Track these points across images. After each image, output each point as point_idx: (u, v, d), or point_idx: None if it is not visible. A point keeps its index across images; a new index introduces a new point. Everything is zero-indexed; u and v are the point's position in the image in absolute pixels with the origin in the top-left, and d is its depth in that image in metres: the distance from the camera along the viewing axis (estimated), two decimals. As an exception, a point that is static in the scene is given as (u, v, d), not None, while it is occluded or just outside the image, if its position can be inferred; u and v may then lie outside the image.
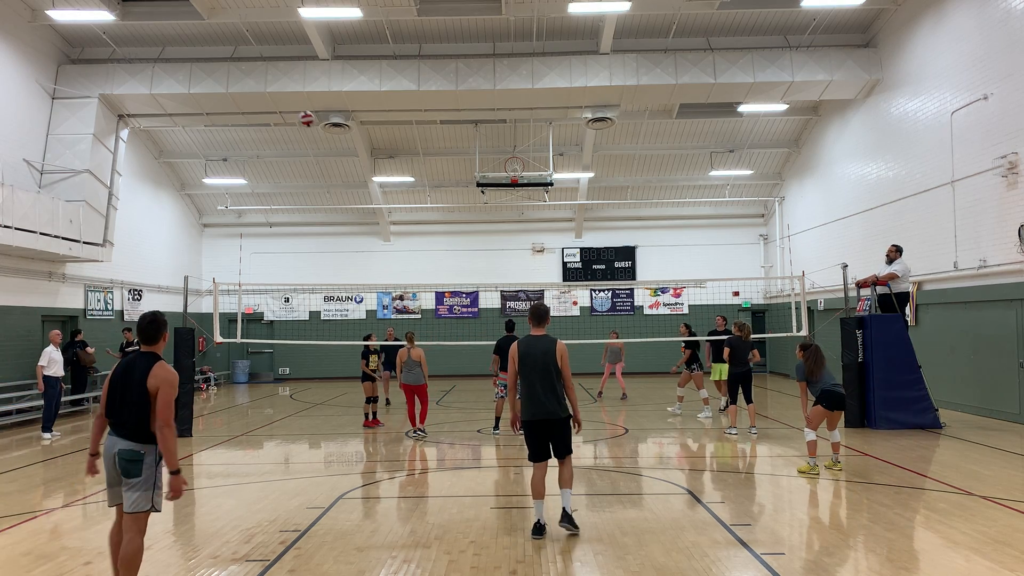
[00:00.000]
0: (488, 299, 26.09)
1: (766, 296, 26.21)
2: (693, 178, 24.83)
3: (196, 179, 24.48)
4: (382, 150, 23.57)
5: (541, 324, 7.06)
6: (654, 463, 10.49)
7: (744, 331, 12.62)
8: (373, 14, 15.91)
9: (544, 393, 6.77)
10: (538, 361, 6.81)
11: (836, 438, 9.77)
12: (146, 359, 5.06)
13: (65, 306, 18.35)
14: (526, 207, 25.39)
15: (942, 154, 15.13)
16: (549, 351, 6.84)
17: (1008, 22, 13.19)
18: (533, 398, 6.81)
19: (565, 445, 6.88)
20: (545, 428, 6.83)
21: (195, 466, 10.73)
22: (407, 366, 12.78)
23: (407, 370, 12.77)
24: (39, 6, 16.07)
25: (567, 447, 6.90)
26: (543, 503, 6.80)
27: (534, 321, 7.07)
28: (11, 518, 7.70)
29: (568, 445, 6.92)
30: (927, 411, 12.78)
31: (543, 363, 6.81)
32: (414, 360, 12.75)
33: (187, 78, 17.65)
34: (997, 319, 13.53)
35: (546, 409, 6.77)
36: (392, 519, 7.52)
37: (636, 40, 18.28)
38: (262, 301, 26.31)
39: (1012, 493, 8.10)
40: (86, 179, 17.28)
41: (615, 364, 18.39)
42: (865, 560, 6.09)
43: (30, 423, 15.14)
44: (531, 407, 6.83)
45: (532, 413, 6.82)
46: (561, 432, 6.85)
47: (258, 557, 6.29)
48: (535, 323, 7.06)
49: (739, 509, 7.71)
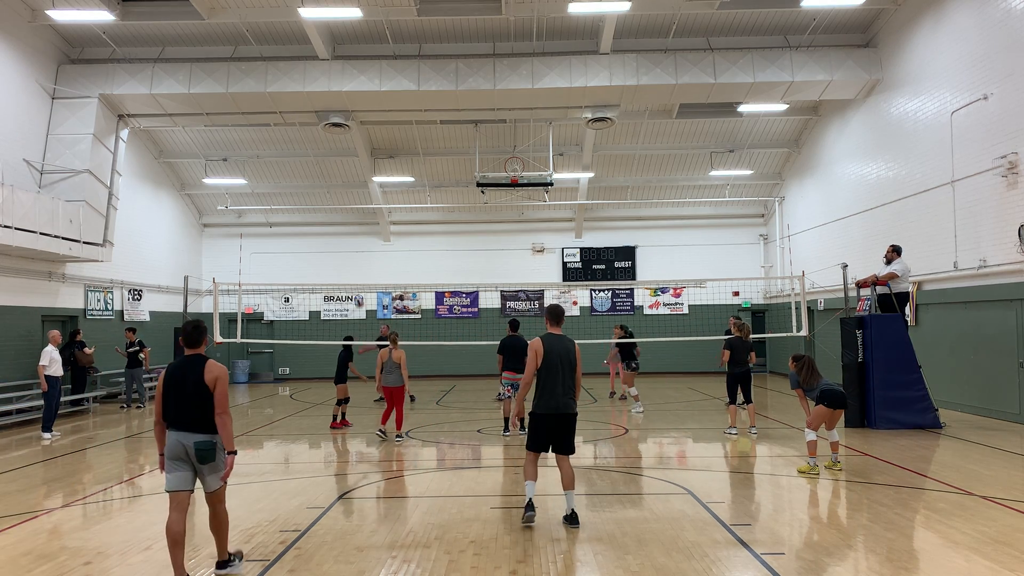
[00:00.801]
0: (488, 299, 26.09)
1: (766, 296, 26.21)
2: (693, 178, 24.83)
3: (196, 179, 24.48)
4: (382, 150, 23.57)
5: (559, 323, 7.40)
6: (654, 463, 10.49)
7: (744, 331, 12.62)
8: (373, 14, 15.91)
9: (563, 389, 7.09)
10: (561, 359, 7.11)
11: (835, 438, 9.80)
12: (196, 361, 5.74)
13: (65, 306, 18.35)
14: (526, 207, 25.39)
15: (942, 154, 15.13)
16: (570, 350, 7.19)
17: (1008, 22, 13.19)
18: (552, 393, 7.09)
19: (570, 442, 7.18)
20: (556, 422, 7.09)
21: (195, 466, 10.72)
22: (387, 367, 12.56)
23: (386, 371, 12.54)
24: (39, 6, 16.07)
25: (571, 445, 7.20)
26: (535, 484, 7.21)
27: (552, 320, 7.41)
28: (11, 518, 7.71)
29: (572, 443, 7.22)
30: (927, 411, 12.78)
31: (566, 361, 7.13)
32: (394, 362, 12.52)
33: (187, 78, 17.65)
34: (997, 319, 13.53)
35: (562, 404, 7.08)
36: (392, 519, 7.52)
37: (636, 40, 18.28)
38: (262, 301, 26.31)
39: (1012, 493, 8.10)
40: (86, 179, 17.28)
41: (619, 363, 18.10)
42: (865, 560, 6.09)
43: (30, 423, 15.13)
44: (549, 401, 7.10)
45: (549, 407, 7.09)
46: (570, 428, 7.15)
47: (258, 557, 6.29)
48: (553, 322, 7.40)
49: (739, 509, 7.71)
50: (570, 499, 7.11)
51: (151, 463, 10.91)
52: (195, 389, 5.61)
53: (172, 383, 5.67)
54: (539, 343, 7.16)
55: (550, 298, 26.18)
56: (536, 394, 7.21)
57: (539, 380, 7.16)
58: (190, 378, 5.63)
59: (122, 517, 7.85)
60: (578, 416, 7.31)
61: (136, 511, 8.16)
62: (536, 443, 7.20)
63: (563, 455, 7.16)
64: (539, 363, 7.10)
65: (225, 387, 5.71)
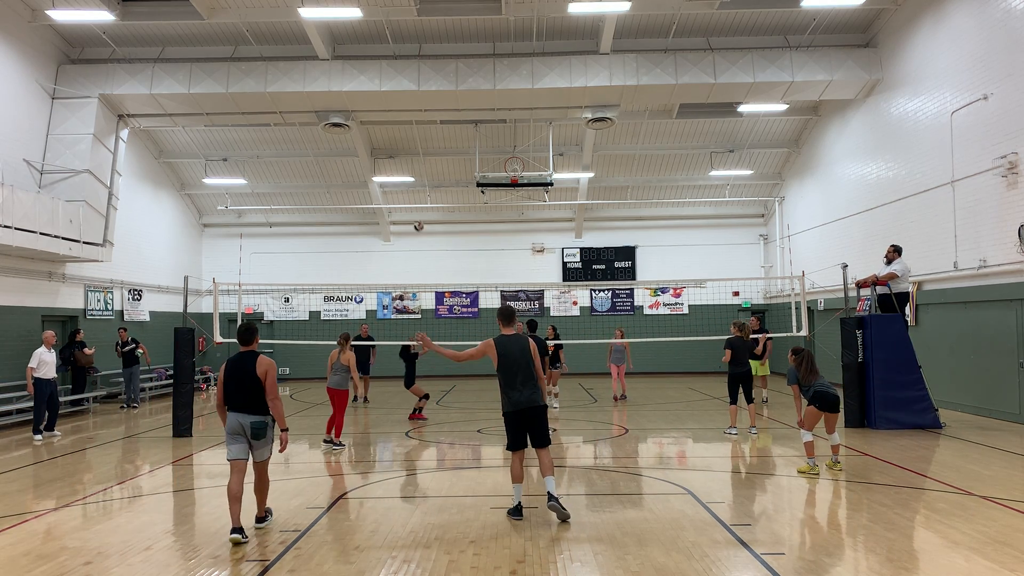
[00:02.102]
0: (488, 299, 26.08)
1: (766, 296, 26.21)
2: (693, 178, 24.83)
3: (196, 179, 24.48)
4: (382, 150, 23.57)
5: (511, 324, 7.67)
6: (654, 463, 10.49)
7: (744, 331, 12.62)
8: (373, 14, 15.91)
9: (523, 385, 7.37)
10: (516, 357, 7.41)
11: (836, 440, 9.68)
12: (250, 356, 7.00)
13: (65, 306, 18.35)
14: (526, 207, 25.39)
15: (942, 154, 15.13)
16: (525, 347, 7.49)
17: (1008, 22, 13.19)
18: (514, 390, 7.39)
19: (544, 434, 7.44)
20: (527, 417, 7.37)
21: (195, 466, 10.74)
22: (335, 368, 12.03)
23: (333, 372, 12.03)
24: (39, 6, 16.06)
25: (546, 436, 7.47)
26: (522, 487, 7.50)
27: (504, 321, 7.66)
28: (11, 518, 7.71)
29: (547, 435, 7.49)
30: (927, 411, 12.77)
31: (523, 358, 7.43)
32: (342, 364, 11.99)
33: (187, 78, 17.65)
34: (997, 319, 13.53)
35: (526, 398, 7.35)
36: (392, 519, 7.52)
37: (636, 40, 18.28)
38: (262, 301, 26.31)
39: (1012, 493, 8.10)
40: (86, 179, 17.28)
41: (619, 365, 18.16)
42: (865, 560, 6.09)
43: (30, 423, 15.11)
44: (513, 398, 7.38)
45: (515, 404, 7.37)
46: (541, 419, 7.41)
47: (258, 557, 6.29)
48: (505, 323, 7.66)
49: (739, 509, 7.71)
50: (549, 483, 7.30)
51: (151, 463, 10.96)
52: (249, 379, 6.86)
53: (231, 374, 6.94)
54: (491, 343, 7.49)
55: (550, 298, 26.20)
56: (502, 396, 7.52)
57: (500, 381, 7.47)
58: (245, 370, 6.88)
59: (122, 517, 7.84)
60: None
61: (136, 511, 8.16)
62: (514, 442, 7.44)
63: (542, 448, 7.42)
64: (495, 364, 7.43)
65: (274, 377, 6.94)
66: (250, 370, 6.89)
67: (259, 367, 6.89)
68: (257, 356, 6.98)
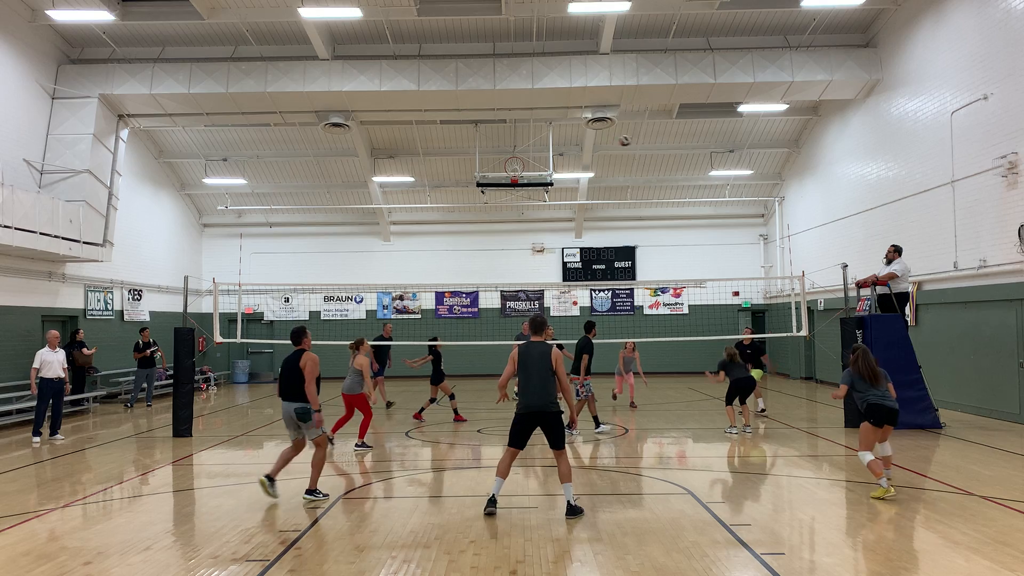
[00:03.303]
0: (488, 299, 26.09)
1: (766, 296, 26.21)
2: (693, 178, 24.83)
3: (196, 179, 24.48)
4: (382, 150, 23.57)
5: (538, 333, 8.02)
6: (654, 463, 10.50)
7: (735, 358, 12.93)
8: (373, 14, 15.91)
9: (537, 390, 7.55)
10: (535, 363, 7.64)
11: (887, 451, 8.47)
12: (296, 354, 8.31)
13: (65, 306, 18.34)
14: (526, 207, 25.39)
15: (942, 154, 15.13)
16: (545, 354, 7.70)
17: (1008, 22, 13.19)
18: (527, 394, 7.61)
19: (558, 438, 7.55)
20: (535, 420, 7.53)
21: (195, 466, 10.74)
22: (348, 372, 11.93)
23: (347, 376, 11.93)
24: (39, 6, 16.07)
25: (561, 440, 7.57)
26: (503, 482, 7.66)
27: (534, 330, 8.01)
28: (11, 518, 7.70)
29: (562, 439, 7.58)
30: (927, 411, 12.78)
31: (541, 364, 7.63)
32: (355, 368, 11.82)
33: (187, 78, 17.64)
34: (997, 319, 13.53)
35: (535, 403, 7.53)
36: (392, 519, 7.52)
37: (636, 40, 18.28)
38: (262, 301, 26.31)
39: (1012, 493, 8.10)
40: (86, 179, 17.28)
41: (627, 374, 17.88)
42: (865, 560, 6.09)
43: (30, 423, 15.11)
44: (525, 400, 7.60)
45: (525, 406, 7.57)
46: (551, 424, 7.50)
47: (258, 557, 6.29)
48: (534, 332, 8.00)
49: (739, 509, 7.71)
50: (568, 491, 7.44)
51: (152, 463, 10.98)
52: (293, 372, 8.18)
53: (282, 369, 8.36)
54: (515, 351, 7.86)
55: (550, 298, 26.20)
56: (519, 394, 7.83)
57: (519, 383, 7.76)
58: (291, 365, 8.22)
59: (122, 517, 7.84)
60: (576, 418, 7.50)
61: (136, 511, 8.16)
62: (513, 439, 7.65)
63: (555, 450, 7.58)
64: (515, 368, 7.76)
65: (311, 369, 8.13)
66: (294, 364, 8.15)
67: (301, 361, 8.14)
68: (303, 353, 8.20)
